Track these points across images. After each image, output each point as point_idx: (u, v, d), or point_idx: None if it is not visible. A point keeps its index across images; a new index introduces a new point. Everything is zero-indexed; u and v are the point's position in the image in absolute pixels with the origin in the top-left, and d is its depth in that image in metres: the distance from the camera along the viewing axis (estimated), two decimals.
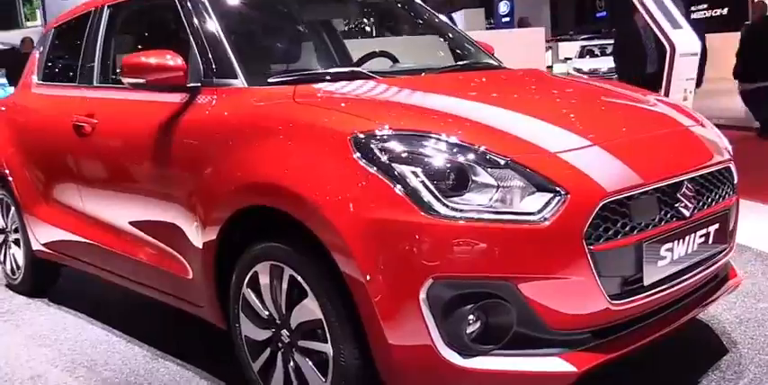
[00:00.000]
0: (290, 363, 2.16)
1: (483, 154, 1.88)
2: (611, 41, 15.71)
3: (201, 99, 2.48)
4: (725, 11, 18.72)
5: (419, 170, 1.84)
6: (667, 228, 2.02)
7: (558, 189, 1.84)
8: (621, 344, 1.98)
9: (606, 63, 16.29)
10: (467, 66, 3.09)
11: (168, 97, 2.58)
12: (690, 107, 3.15)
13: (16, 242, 3.85)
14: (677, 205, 2.06)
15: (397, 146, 1.90)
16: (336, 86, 2.42)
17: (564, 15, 32.04)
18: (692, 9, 18.38)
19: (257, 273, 2.19)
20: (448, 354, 1.82)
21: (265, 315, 2.21)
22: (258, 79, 2.45)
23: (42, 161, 3.51)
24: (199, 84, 2.51)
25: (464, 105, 2.27)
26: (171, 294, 2.73)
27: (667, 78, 5.16)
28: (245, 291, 2.25)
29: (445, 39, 3.42)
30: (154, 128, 2.58)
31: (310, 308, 2.02)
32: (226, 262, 2.31)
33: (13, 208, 3.77)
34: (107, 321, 3.34)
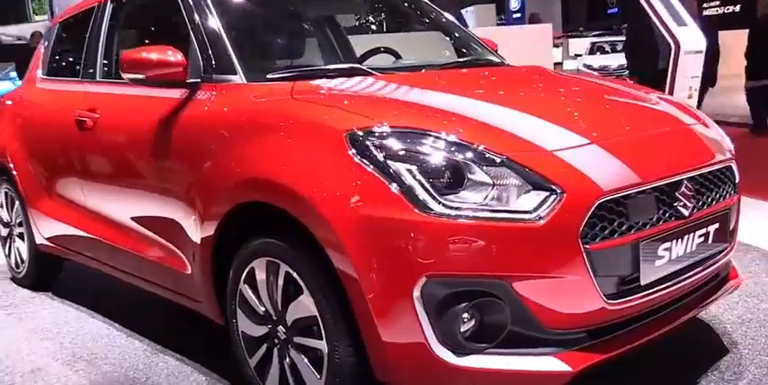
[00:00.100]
0: (286, 360, 2.16)
1: (480, 152, 1.87)
2: (621, 38, 15.62)
3: (201, 95, 2.48)
4: (737, 8, 18.58)
5: (414, 168, 1.83)
6: (665, 228, 2.00)
7: (554, 187, 1.82)
8: (618, 343, 1.96)
9: (616, 60, 16.21)
10: (468, 62, 3.07)
11: (168, 93, 2.58)
12: (694, 105, 3.12)
13: (20, 236, 3.88)
14: (676, 204, 2.04)
15: (394, 143, 1.89)
16: (335, 83, 2.41)
17: (575, 11, 31.89)
18: (705, 6, 18.25)
19: (254, 269, 2.19)
20: (441, 353, 1.81)
21: (262, 311, 2.21)
22: (257, 75, 2.45)
23: (46, 156, 3.53)
24: (198, 79, 2.50)
25: (462, 102, 2.25)
26: (171, 289, 2.74)
27: (672, 76, 5.10)
28: (242, 287, 2.25)
29: (447, 35, 3.40)
30: (154, 123, 2.59)
31: (306, 304, 2.02)
32: (224, 258, 2.32)
33: (18, 202, 3.79)
34: (108, 315, 3.36)
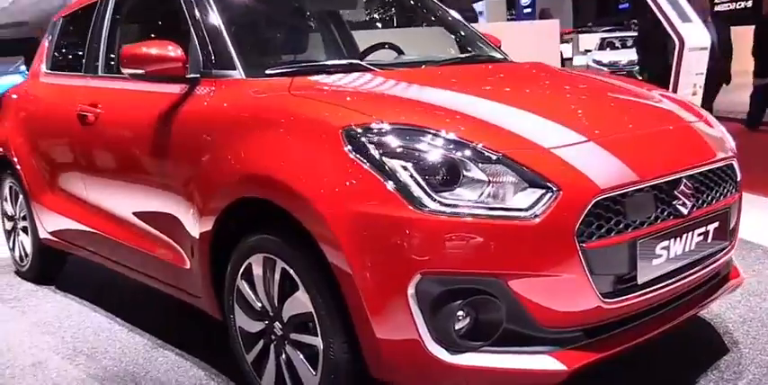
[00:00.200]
0: (282, 356, 2.16)
1: (476, 149, 1.85)
2: (631, 34, 15.52)
3: (200, 90, 2.48)
4: (749, 3, 18.42)
5: (410, 165, 1.82)
6: (663, 226, 1.98)
7: (550, 185, 1.81)
8: (614, 342, 1.95)
9: (626, 55, 16.09)
10: (469, 58, 3.05)
11: (168, 88, 2.58)
12: (698, 103, 3.08)
13: (24, 230, 3.90)
14: (675, 203, 2.02)
15: (390, 140, 1.88)
16: (333, 79, 2.41)
17: (586, 7, 31.68)
18: (716, 1, 18.11)
19: (251, 265, 2.19)
20: (436, 350, 1.81)
21: (258, 307, 2.21)
22: (256, 71, 2.44)
23: (49, 150, 3.55)
24: (198, 75, 2.50)
25: (460, 99, 2.24)
26: (171, 285, 2.75)
27: (676, 73, 5.05)
28: (239, 283, 2.25)
29: (450, 31, 3.38)
30: (154, 118, 2.59)
31: (301, 300, 2.02)
32: (222, 253, 2.32)
33: (22, 196, 3.81)
34: (111, 309, 3.37)
